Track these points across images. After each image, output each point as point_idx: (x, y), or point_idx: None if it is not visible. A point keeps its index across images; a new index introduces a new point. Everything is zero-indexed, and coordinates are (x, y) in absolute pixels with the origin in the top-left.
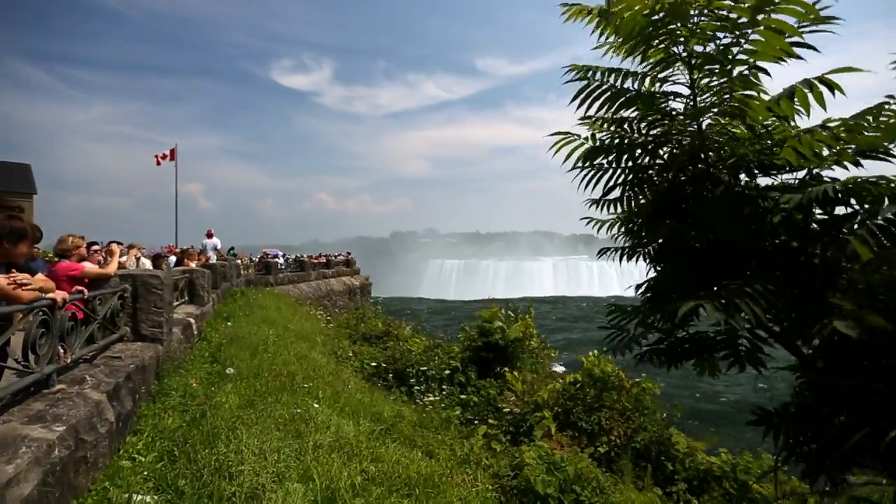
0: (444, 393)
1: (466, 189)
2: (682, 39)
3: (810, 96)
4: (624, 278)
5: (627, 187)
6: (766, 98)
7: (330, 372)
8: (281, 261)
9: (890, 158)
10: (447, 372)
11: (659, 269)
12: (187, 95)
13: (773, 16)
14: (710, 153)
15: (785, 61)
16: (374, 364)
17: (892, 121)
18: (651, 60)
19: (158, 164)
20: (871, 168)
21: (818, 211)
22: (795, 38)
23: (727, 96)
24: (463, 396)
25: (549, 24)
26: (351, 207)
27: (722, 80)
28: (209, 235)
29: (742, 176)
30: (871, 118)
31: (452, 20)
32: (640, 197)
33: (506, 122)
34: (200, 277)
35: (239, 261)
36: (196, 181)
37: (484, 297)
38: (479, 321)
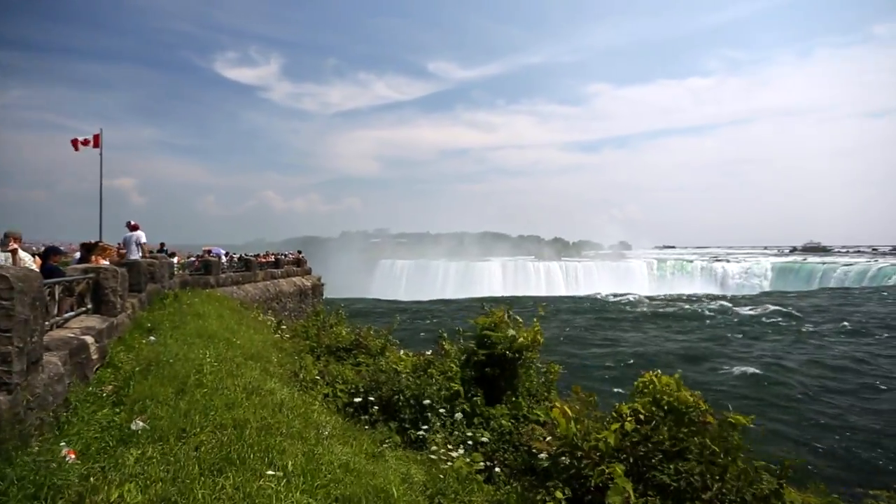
0: (447, 429)
1: (417, 190)
2: None
3: None
4: (569, 279)
5: None
6: None
7: (297, 414)
8: (224, 259)
9: None
10: (444, 395)
11: None
12: (120, 83)
13: None
14: None
15: None
16: (351, 391)
17: None
18: None
19: (77, 149)
20: None
21: None
22: None
23: None
24: (470, 433)
25: (498, 32)
26: (299, 206)
27: None
28: (132, 228)
29: None
30: None
31: (404, 22)
32: None
33: (456, 124)
34: (110, 278)
35: (174, 259)
36: (128, 175)
37: (434, 297)
38: (476, 328)
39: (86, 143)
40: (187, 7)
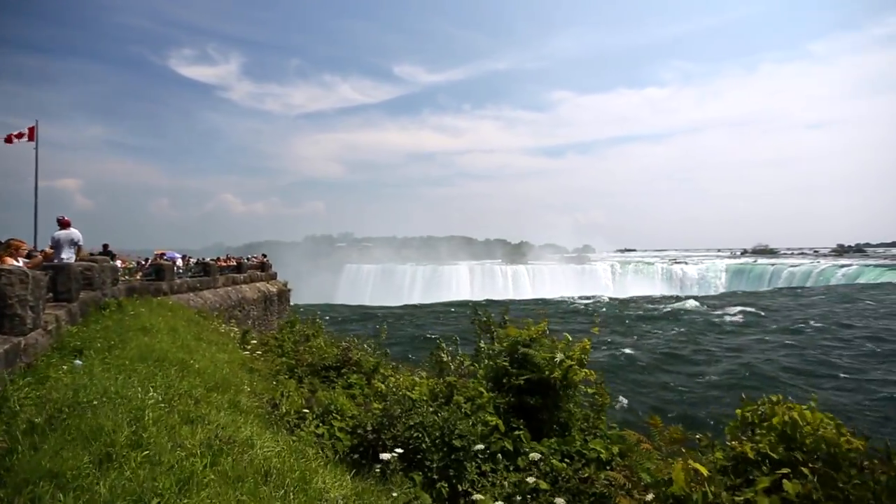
0: (490, 478)
1: (382, 193)
2: None
3: None
4: (536, 282)
5: None
6: None
7: (292, 481)
8: (180, 263)
9: None
10: (480, 431)
11: None
12: (63, 78)
13: None
14: None
15: None
16: (355, 431)
17: None
18: None
19: (10, 142)
20: None
21: None
22: None
23: None
24: (516, 478)
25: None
26: (260, 210)
27: None
28: (63, 224)
29: None
30: None
31: (369, 24)
32: None
33: (423, 128)
34: (16, 284)
35: (119, 262)
36: (72, 175)
37: (402, 302)
38: (505, 342)
39: (20, 136)
40: (138, 0)
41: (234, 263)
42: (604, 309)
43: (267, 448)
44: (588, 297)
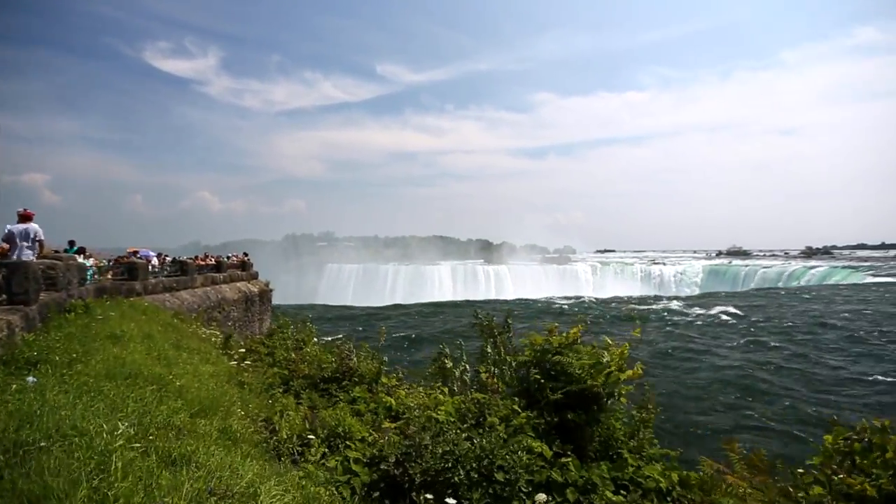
0: None
1: (364, 193)
2: None
3: None
4: (517, 282)
5: None
6: None
7: None
8: (155, 262)
9: None
10: (522, 460)
11: None
12: (30, 69)
13: None
14: None
15: None
16: (374, 463)
17: None
18: None
19: None
20: None
21: None
22: None
23: None
24: None
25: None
26: (239, 208)
27: None
28: (22, 217)
29: None
30: None
31: (352, 22)
32: None
33: (406, 128)
34: None
35: (91, 260)
36: (40, 170)
37: (384, 302)
38: (533, 349)
39: None
40: None
41: (214, 262)
42: (589, 309)
43: (274, 499)
44: (571, 298)
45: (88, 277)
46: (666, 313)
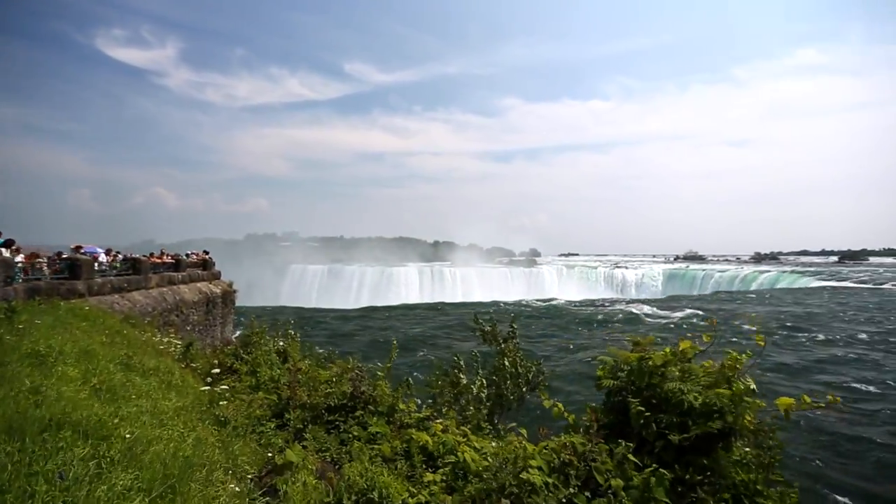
0: None
1: (330, 192)
2: None
3: None
4: (485, 285)
5: None
6: None
7: None
8: (103, 259)
9: None
10: None
11: None
12: None
13: None
14: None
15: None
16: None
17: None
18: None
19: None
20: None
21: None
22: None
23: None
24: None
25: (415, 40)
26: (198, 206)
27: None
28: None
29: None
30: None
31: (321, 19)
32: None
33: (373, 128)
34: None
35: (17, 256)
36: None
37: (350, 305)
38: (623, 369)
39: None
40: None
41: (171, 260)
42: (564, 312)
43: None
44: (543, 300)
45: (17, 276)
46: (636, 316)
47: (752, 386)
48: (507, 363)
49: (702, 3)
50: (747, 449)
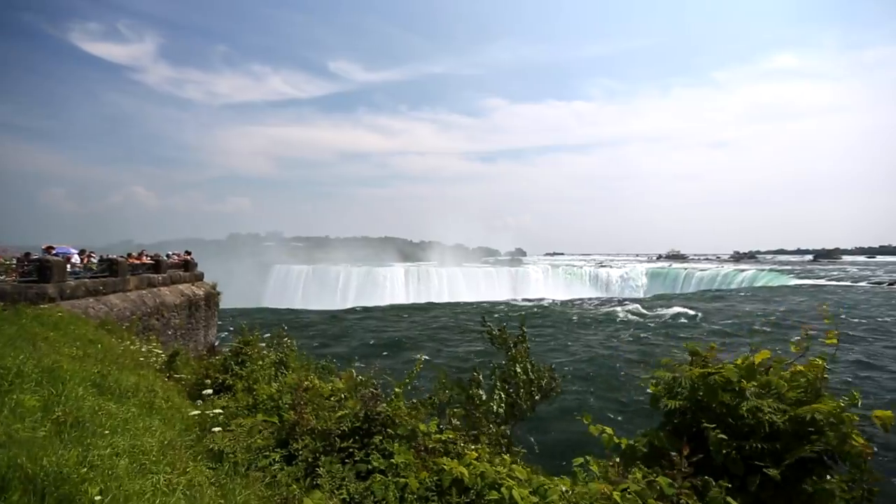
0: None
1: (314, 192)
2: None
3: None
4: (471, 284)
5: None
6: None
7: None
8: (76, 260)
9: None
10: None
11: None
12: None
13: None
14: None
15: None
16: None
17: None
18: None
19: None
20: None
21: None
22: None
23: None
24: None
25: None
26: (178, 205)
27: None
28: None
29: None
30: None
31: (305, 16)
32: None
33: (358, 127)
34: None
35: None
36: None
37: (336, 306)
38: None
39: None
40: None
41: (151, 261)
42: (554, 311)
43: None
44: (532, 300)
45: None
46: (625, 315)
47: (857, 399)
48: (518, 369)
49: (683, 7)
50: (836, 477)
